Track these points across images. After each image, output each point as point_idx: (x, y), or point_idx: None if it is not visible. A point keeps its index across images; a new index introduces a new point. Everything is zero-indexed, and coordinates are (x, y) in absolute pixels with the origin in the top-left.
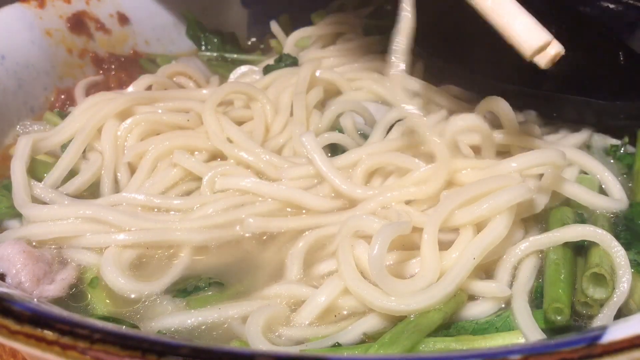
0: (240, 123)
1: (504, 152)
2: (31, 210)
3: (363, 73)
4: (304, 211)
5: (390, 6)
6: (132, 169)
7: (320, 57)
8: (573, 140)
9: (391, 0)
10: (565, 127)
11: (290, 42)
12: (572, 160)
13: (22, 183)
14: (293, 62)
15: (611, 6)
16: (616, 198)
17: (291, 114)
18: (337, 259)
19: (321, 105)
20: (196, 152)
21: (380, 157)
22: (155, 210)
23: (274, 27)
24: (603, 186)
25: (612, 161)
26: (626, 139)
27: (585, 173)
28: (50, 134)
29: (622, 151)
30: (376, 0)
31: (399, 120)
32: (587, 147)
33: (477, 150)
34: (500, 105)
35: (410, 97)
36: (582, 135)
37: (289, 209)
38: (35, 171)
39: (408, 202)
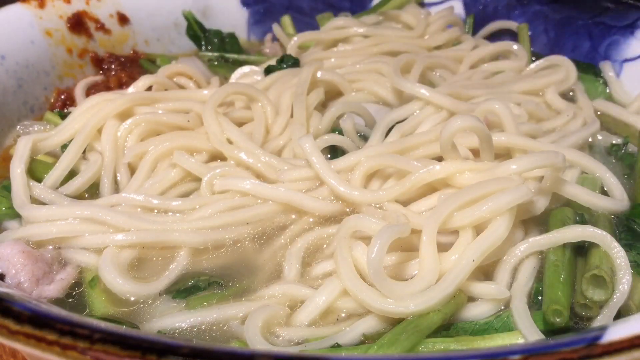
0: (240, 124)
1: (503, 155)
2: (30, 211)
3: (364, 74)
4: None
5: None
6: (132, 170)
7: (322, 59)
8: (574, 139)
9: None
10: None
11: (294, 45)
12: (573, 162)
13: (22, 184)
14: (295, 63)
15: (611, 6)
16: (617, 199)
17: (292, 115)
18: (334, 260)
19: (322, 106)
20: (195, 153)
21: (379, 159)
22: (155, 211)
23: (277, 29)
24: (605, 188)
25: (614, 161)
26: (627, 138)
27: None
28: (50, 134)
29: (622, 151)
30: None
31: (398, 122)
32: (589, 147)
33: (477, 153)
34: (500, 107)
35: (409, 99)
36: (583, 134)
37: (293, 216)
38: (35, 171)
39: (406, 205)
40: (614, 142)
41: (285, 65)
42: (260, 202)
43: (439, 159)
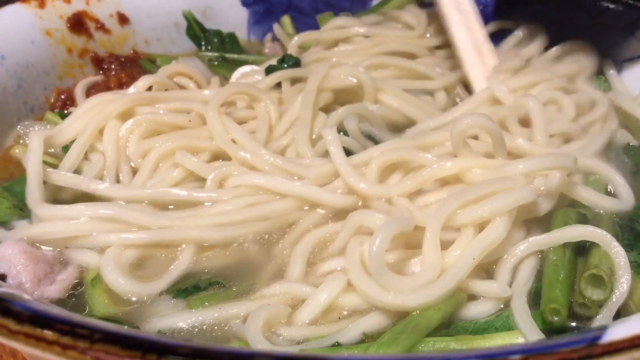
0: (242, 124)
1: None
2: (43, 210)
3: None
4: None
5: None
6: (134, 170)
7: (323, 58)
8: (597, 145)
9: None
10: None
11: (294, 45)
12: (580, 164)
13: (37, 179)
14: (295, 62)
15: (611, 6)
16: (623, 198)
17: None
18: (346, 253)
19: (328, 109)
20: (197, 153)
21: (392, 153)
22: (171, 207)
23: (277, 29)
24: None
25: (626, 160)
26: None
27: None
28: (53, 132)
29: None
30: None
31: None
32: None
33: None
34: (534, 105)
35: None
36: (605, 135)
37: (306, 207)
38: None
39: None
40: (630, 143)
41: (286, 65)
42: (279, 197)
43: None
